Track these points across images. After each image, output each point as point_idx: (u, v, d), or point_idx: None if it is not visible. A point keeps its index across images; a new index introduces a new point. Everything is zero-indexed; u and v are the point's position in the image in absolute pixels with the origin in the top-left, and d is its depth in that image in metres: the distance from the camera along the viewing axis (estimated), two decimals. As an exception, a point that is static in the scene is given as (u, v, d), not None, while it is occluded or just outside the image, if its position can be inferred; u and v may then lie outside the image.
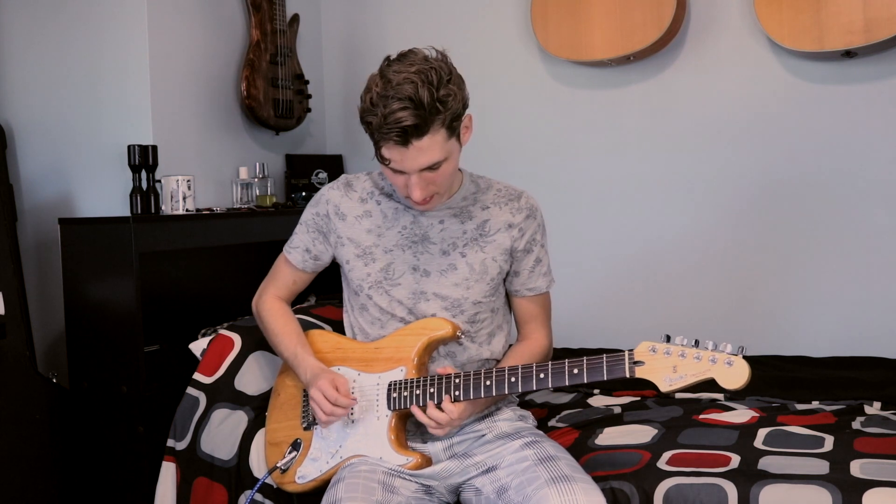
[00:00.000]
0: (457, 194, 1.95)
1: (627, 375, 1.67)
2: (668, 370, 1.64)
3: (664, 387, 1.64)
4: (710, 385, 1.63)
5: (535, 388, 1.76)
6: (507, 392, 1.79)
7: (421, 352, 1.89)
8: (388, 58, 1.79)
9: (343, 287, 2.08)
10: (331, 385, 1.87)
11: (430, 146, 1.74)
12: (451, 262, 1.93)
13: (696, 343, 1.64)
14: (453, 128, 1.77)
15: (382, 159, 1.77)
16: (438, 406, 1.80)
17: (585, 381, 1.72)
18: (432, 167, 1.77)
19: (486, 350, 1.98)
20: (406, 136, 1.71)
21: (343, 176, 2.05)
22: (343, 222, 1.99)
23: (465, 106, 1.80)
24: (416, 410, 1.82)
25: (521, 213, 1.97)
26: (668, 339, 1.66)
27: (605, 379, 1.70)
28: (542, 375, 1.75)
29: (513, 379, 1.77)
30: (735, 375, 1.60)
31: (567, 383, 1.74)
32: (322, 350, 2.02)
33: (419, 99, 1.69)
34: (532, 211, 1.99)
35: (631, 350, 1.69)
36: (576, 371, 1.72)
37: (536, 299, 2.03)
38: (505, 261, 1.96)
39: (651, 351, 1.66)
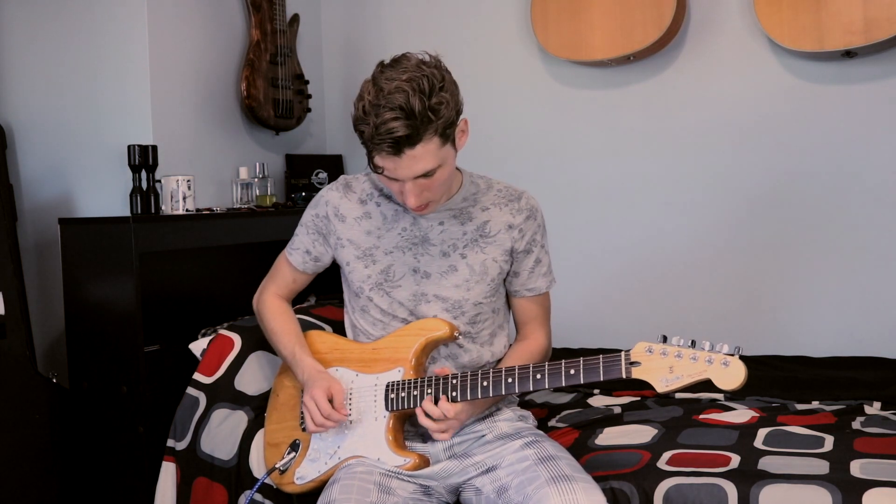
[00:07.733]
0: (456, 195, 1.95)
1: (624, 376, 1.67)
2: (665, 371, 1.64)
3: (660, 388, 1.64)
4: (708, 385, 1.63)
5: (531, 389, 1.76)
6: (504, 393, 1.78)
7: (418, 352, 1.88)
8: (381, 63, 1.77)
9: (343, 288, 2.08)
10: (325, 395, 1.87)
11: (424, 154, 1.72)
12: (452, 263, 1.93)
13: (693, 344, 1.64)
14: (447, 135, 1.75)
15: (376, 168, 1.76)
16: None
17: (582, 382, 1.72)
18: (426, 174, 1.76)
19: (488, 351, 1.98)
20: (398, 145, 1.69)
21: (342, 177, 2.05)
22: (343, 224, 1.99)
23: (458, 112, 1.78)
24: (419, 412, 1.82)
25: (522, 214, 1.96)
26: (665, 339, 1.66)
27: (602, 380, 1.69)
28: (538, 376, 1.75)
29: (510, 380, 1.77)
30: (731, 376, 1.59)
31: (564, 384, 1.74)
32: (320, 351, 2.02)
33: (410, 108, 1.67)
34: (532, 211, 1.98)
35: (627, 351, 1.68)
36: (572, 372, 1.72)
37: (536, 299, 2.03)
38: (505, 261, 1.96)
39: (647, 352, 1.66)
